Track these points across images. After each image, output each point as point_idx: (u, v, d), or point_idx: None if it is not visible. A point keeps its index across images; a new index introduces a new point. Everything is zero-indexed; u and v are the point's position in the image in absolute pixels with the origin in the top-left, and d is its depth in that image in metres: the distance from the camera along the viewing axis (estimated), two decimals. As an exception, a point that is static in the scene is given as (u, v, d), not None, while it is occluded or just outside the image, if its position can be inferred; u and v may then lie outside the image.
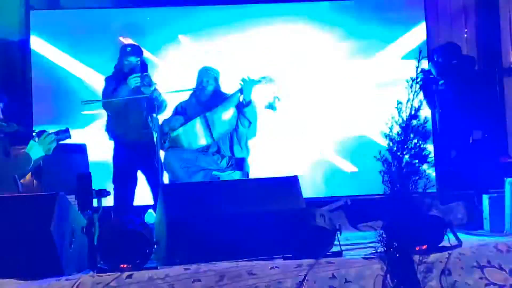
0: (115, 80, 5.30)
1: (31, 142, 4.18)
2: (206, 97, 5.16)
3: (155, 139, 5.24)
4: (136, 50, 5.40)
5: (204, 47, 6.44)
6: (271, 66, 6.38)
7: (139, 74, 5.17)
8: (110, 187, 5.21)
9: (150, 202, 5.40)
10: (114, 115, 5.33)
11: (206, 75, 5.20)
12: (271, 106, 5.05)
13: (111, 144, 5.45)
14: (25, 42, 6.38)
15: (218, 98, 5.16)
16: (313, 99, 6.52)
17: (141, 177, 5.46)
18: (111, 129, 5.39)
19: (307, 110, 6.51)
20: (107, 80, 5.40)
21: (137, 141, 5.25)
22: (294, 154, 6.46)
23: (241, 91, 5.07)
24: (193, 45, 6.44)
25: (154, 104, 5.03)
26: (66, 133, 4.41)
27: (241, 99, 5.10)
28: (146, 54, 6.11)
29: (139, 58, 5.37)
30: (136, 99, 5.16)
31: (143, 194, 5.59)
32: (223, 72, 5.40)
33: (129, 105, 5.23)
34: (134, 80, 5.14)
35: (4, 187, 4.06)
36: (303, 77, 6.51)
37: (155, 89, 5.16)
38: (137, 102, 5.21)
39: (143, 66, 5.36)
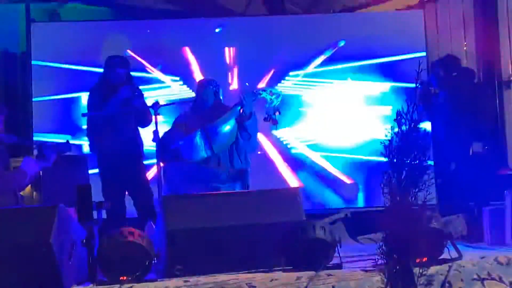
0: (103, 92, 5.29)
1: (25, 159, 4.18)
2: (205, 110, 5.16)
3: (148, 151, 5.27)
4: (124, 62, 5.40)
5: (204, 58, 6.46)
6: (272, 78, 6.42)
7: (130, 86, 5.19)
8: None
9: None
10: (99, 127, 5.30)
11: (206, 87, 5.20)
12: (271, 119, 5.05)
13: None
14: (26, 54, 6.39)
15: (218, 110, 5.16)
16: (313, 111, 6.53)
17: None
18: (95, 141, 5.35)
19: (308, 122, 6.52)
20: (93, 91, 5.38)
21: (123, 153, 5.24)
22: (294, 166, 6.46)
23: (241, 104, 5.07)
24: (193, 57, 6.46)
25: (153, 115, 5.02)
26: (66, 146, 4.41)
27: (241, 112, 5.10)
28: (144, 66, 6.14)
29: (126, 70, 5.37)
30: (124, 111, 5.16)
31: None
32: (224, 83, 5.41)
33: (117, 117, 5.22)
34: (125, 92, 5.15)
35: (4, 198, 4.06)
36: (304, 89, 6.52)
37: (143, 100, 5.18)
38: (125, 114, 5.21)
39: (130, 78, 5.37)
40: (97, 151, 5.38)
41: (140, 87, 5.43)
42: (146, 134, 5.39)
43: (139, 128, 5.39)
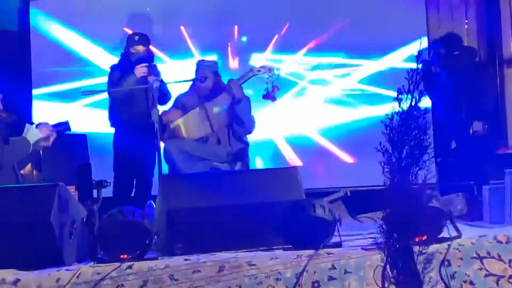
0: (121, 68, 5.32)
1: (27, 125, 4.19)
2: (205, 89, 5.15)
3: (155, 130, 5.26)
4: (144, 39, 5.43)
5: (204, 36, 6.42)
6: (271, 55, 6.39)
7: (147, 64, 5.19)
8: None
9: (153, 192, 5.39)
10: (118, 103, 5.35)
11: (204, 68, 5.18)
12: (270, 96, 5.03)
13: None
14: (25, 32, 6.36)
15: (217, 89, 5.15)
16: (312, 89, 6.52)
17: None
18: (114, 116, 5.41)
19: (307, 100, 6.51)
20: (114, 67, 5.43)
21: (139, 130, 5.26)
22: (294, 144, 6.46)
23: (227, 91, 5.03)
24: (194, 35, 6.42)
25: (155, 94, 5.02)
26: (65, 125, 4.41)
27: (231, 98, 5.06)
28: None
29: (146, 48, 5.38)
30: (142, 89, 5.17)
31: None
32: (224, 62, 5.38)
33: (135, 94, 5.25)
34: (141, 70, 5.16)
35: (5, 177, 4.07)
36: (304, 67, 6.50)
37: (161, 80, 5.17)
38: (143, 92, 5.22)
39: (150, 56, 5.38)
40: (114, 126, 5.43)
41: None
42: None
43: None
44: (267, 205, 3.80)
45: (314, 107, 6.51)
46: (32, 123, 4.29)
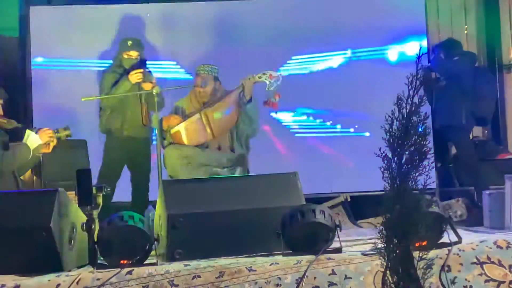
0: (115, 74, 5.30)
1: (27, 131, 4.19)
2: (205, 95, 5.16)
3: (154, 136, 5.26)
4: (137, 45, 5.40)
5: (203, 43, 6.43)
6: (271, 62, 6.39)
7: (142, 70, 5.18)
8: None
9: (151, 197, 5.39)
10: (110, 109, 5.32)
11: (204, 73, 5.18)
12: (271, 102, 5.04)
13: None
14: (25, 38, 6.36)
15: (218, 94, 5.16)
16: (313, 94, 6.52)
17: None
18: (106, 122, 5.38)
19: (307, 105, 6.51)
20: (106, 73, 5.40)
21: (132, 136, 5.26)
22: (294, 150, 6.46)
23: (241, 88, 5.07)
24: (193, 41, 6.43)
25: (155, 100, 5.02)
26: (66, 131, 4.41)
27: (241, 96, 5.10)
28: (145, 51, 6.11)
29: (139, 53, 5.36)
30: (136, 95, 5.17)
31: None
32: (224, 67, 5.38)
33: (128, 101, 5.23)
34: (136, 76, 5.14)
35: (5, 182, 4.07)
36: (302, 74, 6.51)
37: (156, 85, 5.17)
38: (137, 98, 5.22)
39: (143, 62, 5.36)
40: (105, 133, 5.42)
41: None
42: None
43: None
44: (267, 210, 3.80)
45: (315, 110, 6.51)
46: (32, 129, 4.29)
